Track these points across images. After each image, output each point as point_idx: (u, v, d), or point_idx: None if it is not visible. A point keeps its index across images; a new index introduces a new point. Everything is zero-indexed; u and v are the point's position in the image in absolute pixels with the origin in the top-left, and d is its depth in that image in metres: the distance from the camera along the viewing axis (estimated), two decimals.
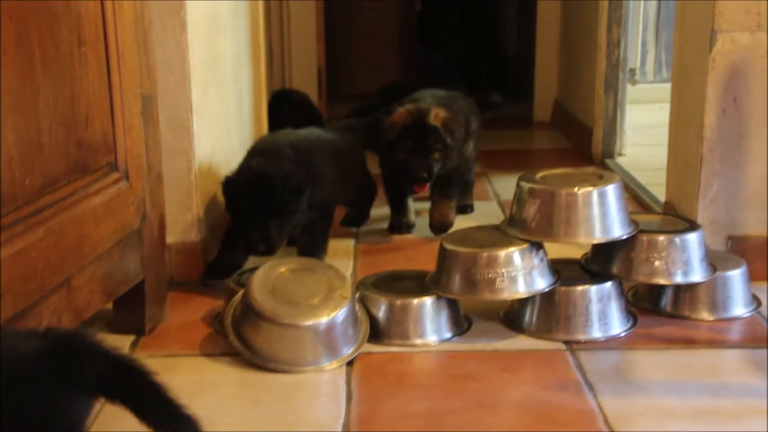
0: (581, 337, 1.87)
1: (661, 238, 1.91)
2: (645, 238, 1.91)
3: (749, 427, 1.52)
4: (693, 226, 1.97)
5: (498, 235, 1.93)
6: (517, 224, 1.92)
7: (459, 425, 1.54)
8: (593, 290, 1.89)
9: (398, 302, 1.89)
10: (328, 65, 4.45)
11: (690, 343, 1.86)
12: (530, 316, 1.92)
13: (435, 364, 1.81)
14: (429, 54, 5.18)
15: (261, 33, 2.87)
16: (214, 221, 2.31)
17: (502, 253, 1.86)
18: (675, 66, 2.39)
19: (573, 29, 3.94)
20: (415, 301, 1.89)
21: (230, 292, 1.93)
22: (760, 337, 1.88)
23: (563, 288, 1.89)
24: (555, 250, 1.96)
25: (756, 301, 2.02)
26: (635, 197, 2.83)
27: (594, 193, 1.87)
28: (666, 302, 1.99)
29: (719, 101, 2.13)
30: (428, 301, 1.89)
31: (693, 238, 1.92)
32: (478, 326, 1.95)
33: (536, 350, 1.84)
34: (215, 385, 1.70)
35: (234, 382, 1.71)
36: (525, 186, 1.92)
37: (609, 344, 1.86)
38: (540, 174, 1.97)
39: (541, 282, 1.88)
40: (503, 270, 1.85)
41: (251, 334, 1.78)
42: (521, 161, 3.58)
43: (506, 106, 4.35)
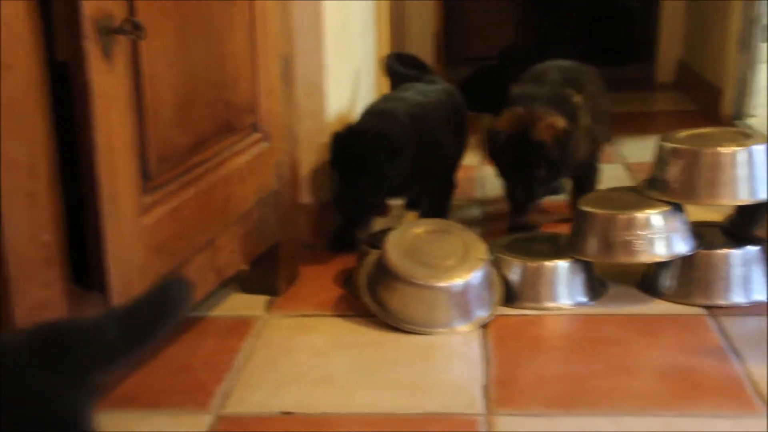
0: (722, 302, 1.81)
1: None
2: None
3: None
4: None
5: (636, 197, 1.88)
6: (658, 186, 1.87)
7: (601, 389, 1.51)
8: (736, 254, 1.82)
9: (532, 265, 1.86)
10: (445, 29, 4.41)
11: None
12: (669, 281, 1.86)
13: (572, 328, 1.78)
14: (545, 13, 5.06)
15: None
16: None
17: (642, 215, 1.81)
18: None
19: None
20: (550, 264, 1.86)
21: (363, 253, 1.94)
22: None
23: (704, 252, 1.83)
24: (695, 213, 1.90)
25: None
26: None
27: (740, 153, 1.80)
28: None
29: None
30: (563, 264, 1.86)
31: None
32: (614, 290, 1.91)
33: (676, 315, 1.79)
34: (351, 345, 1.71)
35: (369, 342, 1.72)
36: (667, 146, 1.86)
37: (753, 310, 1.79)
38: (683, 133, 1.90)
39: (682, 245, 1.82)
40: (642, 232, 1.80)
41: (385, 295, 1.79)
42: (646, 124, 3.48)
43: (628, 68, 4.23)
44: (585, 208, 1.86)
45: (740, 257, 1.82)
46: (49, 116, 1.13)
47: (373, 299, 1.81)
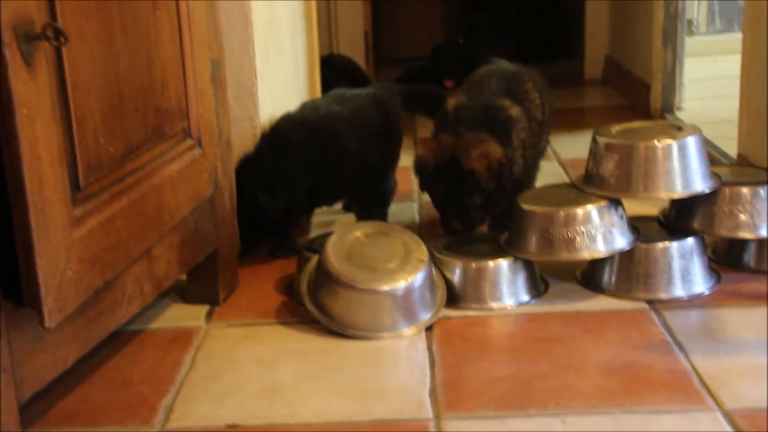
0: (663, 296, 1.82)
1: (745, 191, 1.85)
2: (728, 191, 1.85)
3: None
4: None
5: (574, 193, 1.88)
6: (594, 181, 1.87)
7: (549, 389, 1.50)
8: (675, 246, 1.84)
9: (474, 265, 1.85)
10: (375, 29, 4.39)
11: None
12: (609, 276, 1.87)
13: (517, 328, 1.77)
14: (476, 11, 5.08)
15: None
16: None
17: (581, 211, 1.81)
18: (747, 12, 2.31)
19: None
20: (492, 264, 1.84)
21: (303, 259, 1.91)
22: None
23: (643, 245, 1.84)
24: (631, 208, 1.91)
25: None
26: None
27: (674, 146, 1.81)
28: (749, 258, 1.93)
29: None
30: (504, 264, 1.85)
31: None
32: (555, 287, 1.91)
33: (619, 310, 1.79)
34: (296, 353, 1.67)
35: (314, 349, 1.69)
36: (601, 141, 1.87)
37: (694, 302, 1.81)
38: (616, 128, 1.91)
39: (621, 240, 1.83)
40: (582, 228, 1.80)
41: (328, 301, 1.75)
42: (577, 119, 3.51)
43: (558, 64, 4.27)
44: (524, 206, 1.86)
45: (679, 249, 1.84)
46: None
47: (316, 305, 1.77)
